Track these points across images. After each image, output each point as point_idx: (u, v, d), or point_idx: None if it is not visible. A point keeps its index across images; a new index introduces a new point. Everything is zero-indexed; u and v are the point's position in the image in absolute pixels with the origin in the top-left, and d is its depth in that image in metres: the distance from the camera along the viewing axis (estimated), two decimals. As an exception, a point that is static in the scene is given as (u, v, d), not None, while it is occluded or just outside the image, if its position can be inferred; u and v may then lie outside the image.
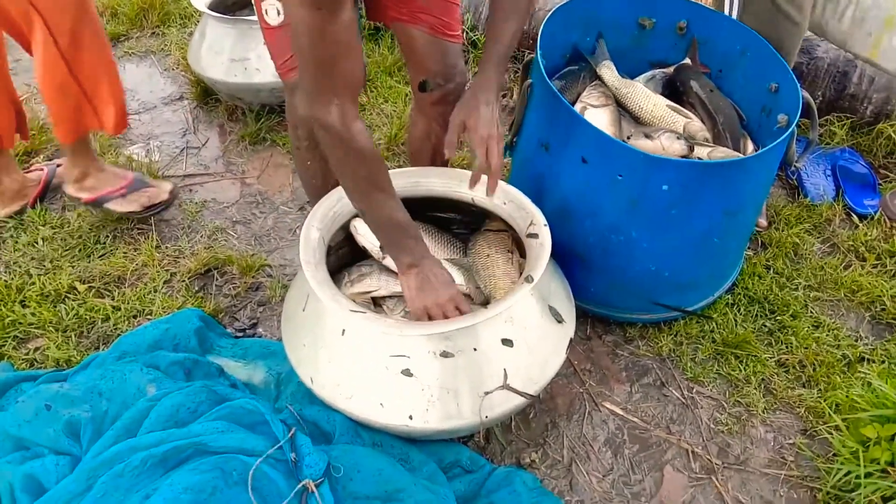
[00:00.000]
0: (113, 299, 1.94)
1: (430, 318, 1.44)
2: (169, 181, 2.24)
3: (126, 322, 1.89)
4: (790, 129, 1.60)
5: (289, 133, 1.79)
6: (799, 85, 1.68)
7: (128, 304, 1.93)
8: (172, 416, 1.47)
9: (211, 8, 2.47)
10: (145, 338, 1.73)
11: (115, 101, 2.00)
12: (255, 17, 2.34)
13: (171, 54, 2.97)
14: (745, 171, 1.58)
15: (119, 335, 1.82)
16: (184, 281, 1.99)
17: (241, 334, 1.88)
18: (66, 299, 1.93)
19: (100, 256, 2.07)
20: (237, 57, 2.40)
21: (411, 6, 1.65)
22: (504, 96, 2.69)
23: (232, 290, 1.98)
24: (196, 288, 1.99)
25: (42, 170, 2.26)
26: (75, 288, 1.96)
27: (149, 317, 1.89)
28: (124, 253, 2.07)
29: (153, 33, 3.13)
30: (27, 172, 2.25)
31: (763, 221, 1.78)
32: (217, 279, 2.02)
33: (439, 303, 1.44)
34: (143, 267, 2.04)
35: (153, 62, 2.95)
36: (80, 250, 2.08)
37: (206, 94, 2.69)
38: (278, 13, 1.54)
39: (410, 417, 1.40)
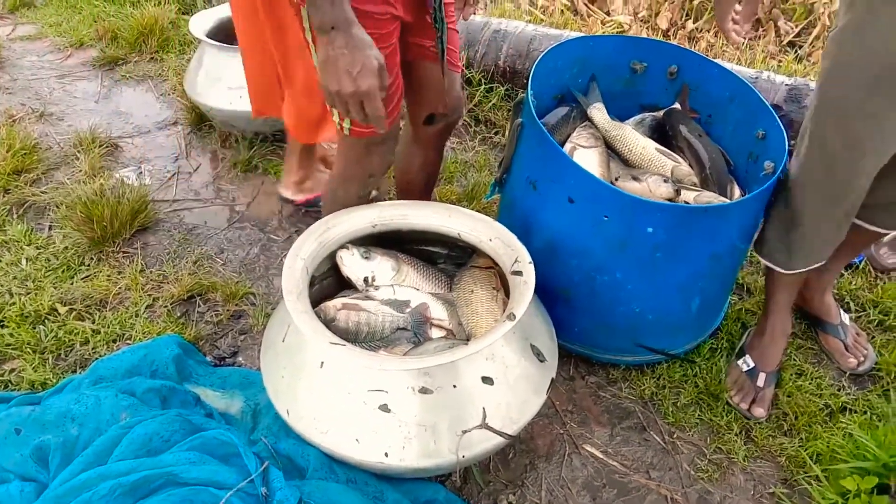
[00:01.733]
0: (93, 322, 1.92)
1: (343, 108, 1.27)
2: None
3: (105, 346, 1.87)
4: (776, 176, 1.61)
5: (349, 182, 1.69)
6: (786, 133, 1.69)
7: (108, 327, 1.91)
8: (145, 444, 1.44)
9: (209, 36, 2.50)
10: (122, 363, 1.71)
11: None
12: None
13: (168, 79, 3.00)
14: (731, 216, 1.59)
15: (97, 359, 1.80)
16: (166, 306, 1.98)
17: (220, 363, 1.86)
18: (46, 321, 1.92)
19: (83, 278, 2.05)
20: (233, 85, 2.41)
21: (433, 40, 1.64)
22: (496, 133, 2.71)
23: (214, 318, 1.97)
24: (178, 314, 1.97)
25: None
26: (56, 309, 1.94)
27: (128, 341, 1.88)
28: (108, 276, 2.06)
29: (152, 58, 3.16)
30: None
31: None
32: (200, 305, 2.01)
33: (359, 91, 1.23)
34: (126, 290, 2.02)
35: (150, 87, 2.97)
36: (63, 271, 2.07)
37: (200, 120, 2.70)
38: None
39: (386, 454, 1.38)
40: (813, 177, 1.58)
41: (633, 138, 1.91)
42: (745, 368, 1.82)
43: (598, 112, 1.94)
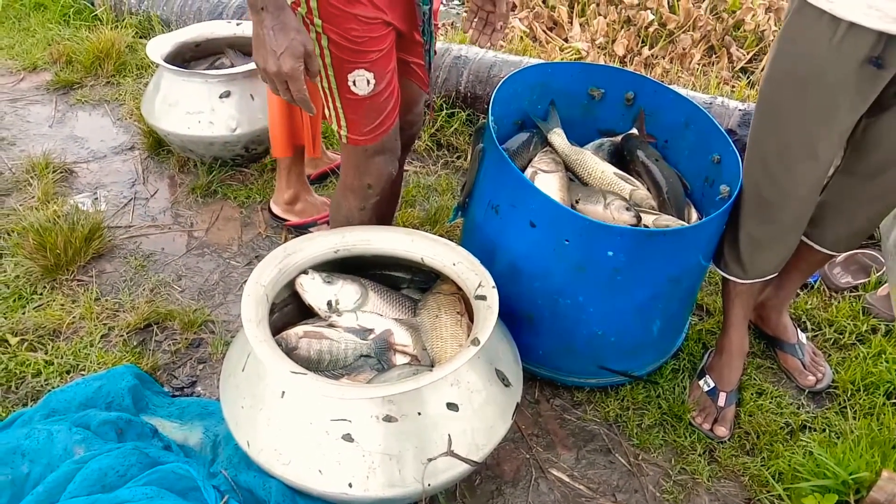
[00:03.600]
0: (46, 353, 1.87)
1: (272, 86, 1.30)
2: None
3: (58, 377, 1.81)
4: (731, 199, 1.64)
5: (350, 193, 1.71)
6: (740, 158, 1.73)
7: (61, 358, 1.85)
8: (100, 479, 1.39)
9: (167, 60, 2.47)
10: (76, 395, 1.66)
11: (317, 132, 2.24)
12: (212, 72, 2.37)
13: (125, 104, 2.95)
14: (689, 239, 1.62)
15: (50, 391, 1.74)
16: (122, 335, 1.93)
17: (178, 393, 1.82)
18: (-5, 352, 1.85)
19: (35, 307, 1.99)
20: (191, 109, 2.38)
21: (421, 60, 1.67)
22: (458, 158, 2.72)
23: (172, 346, 1.92)
24: (134, 343, 1.92)
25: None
26: (6, 340, 1.88)
27: (83, 372, 1.82)
28: (61, 304, 2.00)
29: (108, 82, 3.11)
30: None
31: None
32: (157, 334, 1.96)
33: (281, 71, 1.25)
34: (81, 320, 1.97)
35: (106, 111, 2.93)
36: (14, 300, 2.01)
37: (158, 145, 2.67)
38: (368, 83, 1.47)
39: (350, 485, 1.35)
40: (753, 184, 1.63)
41: (593, 163, 1.93)
42: (705, 388, 1.84)
43: (557, 137, 1.96)
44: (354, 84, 1.46)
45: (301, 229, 2.30)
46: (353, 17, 1.39)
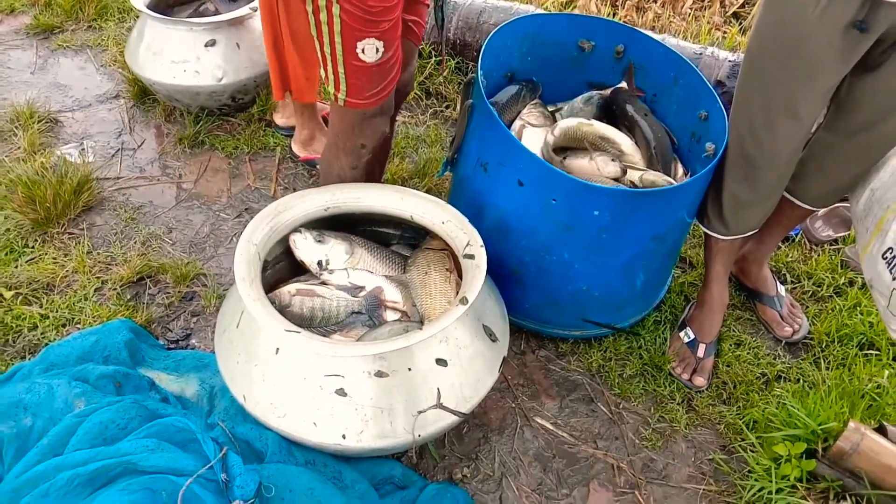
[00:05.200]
0: (41, 307, 1.89)
1: None
2: None
3: (55, 331, 1.84)
4: (716, 158, 1.67)
5: (343, 153, 1.72)
6: (726, 115, 1.75)
7: (57, 312, 1.88)
8: (101, 432, 1.45)
9: (150, 6, 2.42)
10: (74, 349, 1.70)
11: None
12: (196, 21, 2.33)
13: (108, 49, 2.90)
14: (673, 199, 1.65)
15: (47, 344, 1.78)
16: (115, 289, 1.96)
17: (173, 345, 1.86)
18: (-9, 306, 1.88)
19: (28, 261, 2.01)
20: (177, 59, 2.35)
21: (420, 18, 1.67)
22: (447, 107, 2.71)
23: (165, 300, 1.96)
24: (128, 296, 1.95)
25: None
26: (1, 294, 1.90)
27: (78, 326, 1.85)
28: (54, 258, 2.02)
29: (89, 27, 3.04)
30: None
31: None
32: (150, 287, 1.99)
33: None
34: (74, 273, 1.99)
35: (89, 57, 2.87)
36: (6, 254, 2.02)
37: (143, 94, 2.63)
38: (377, 51, 1.46)
39: (343, 437, 1.41)
40: (738, 141, 1.66)
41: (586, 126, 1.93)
42: (686, 340, 1.90)
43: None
44: (363, 52, 1.45)
45: (312, 164, 2.39)
46: None
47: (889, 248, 1.51)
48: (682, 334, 1.92)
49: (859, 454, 1.48)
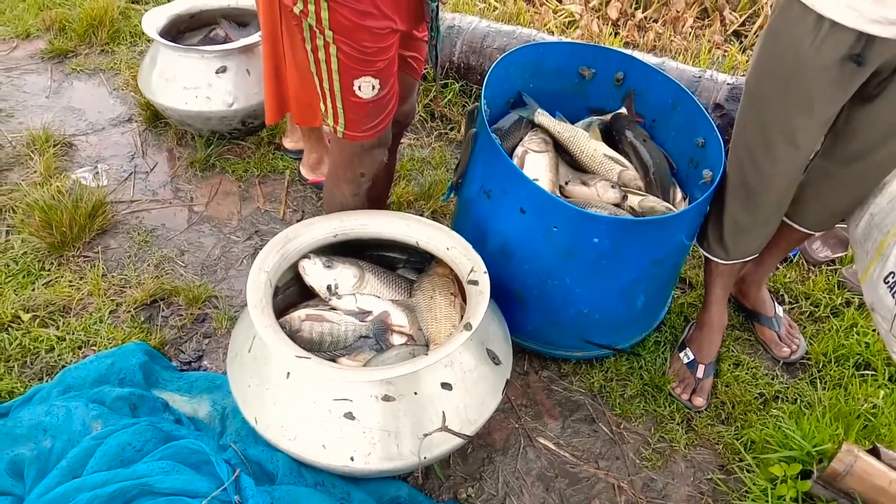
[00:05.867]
0: (58, 329, 1.95)
1: None
2: None
3: (71, 353, 1.90)
4: (714, 185, 1.72)
5: (343, 182, 1.77)
6: (723, 142, 1.80)
7: (73, 334, 1.94)
8: (118, 454, 1.50)
9: (162, 34, 2.49)
10: (90, 372, 1.75)
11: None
12: (208, 48, 2.40)
13: (121, 73, 2.97)
14: (671, 226, 1.69)
15: (64, 366, 1.84)
16: (129, 311, 2.01)
17: (186, 367, 1.91)
18: (10, 328, 1.93)
19: (45, 284, 2.07)
20: (189, 85, 2.42)
21: (419, 54, 1.73)
22: (451, 129, 2.77)
23: (178, 322, 2.01)
24: (142, 319, 2.01)
25: None
26: (19, 317, 1.96)
27: (94, 348, 1.91)
28: (70, 281, 2.08)
29: (102, 50, 3.11)
30: None
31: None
32: (163, 310, 2.05)
33: None
34: (89, 296, 2.05)
35: (102, 81, 2.94)
36: (24, 277, 2.08)
37: (155, 118, 2.70)
38: (373, 88, 1.53)
39: (352, 458, 1.46)
40: (738, 168, 1.71)
41: (585, 141, 1.99)
42: (685, 360, 1.94)
43: (544, 118, 2.01)
44: (360, 89, 1.51)
45: (320, 186, 2.45)
46: (365, 29, 1.42)
47: (891, 273, 1.55)
48: (681, 355, 1.96)
49: (853, 476, 1.52)
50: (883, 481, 1.51)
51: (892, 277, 1.60)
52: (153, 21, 2.50)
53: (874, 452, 1.57)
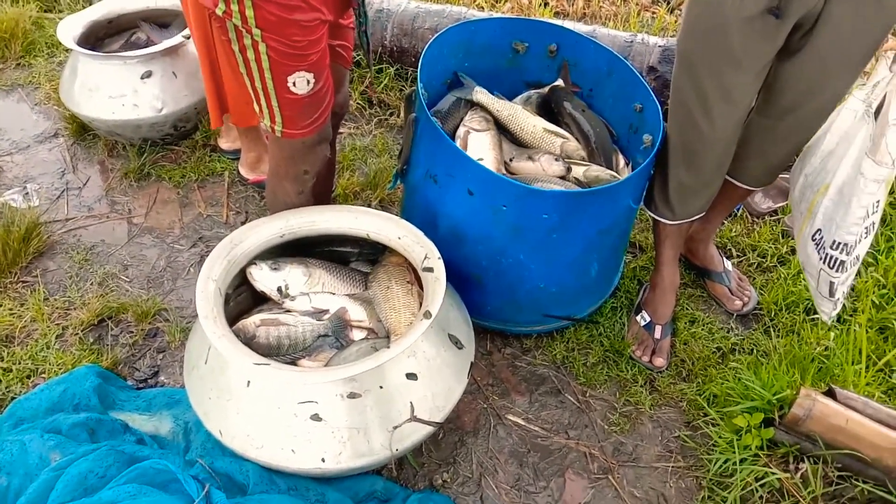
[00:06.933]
0: (2, 360, 1.87)
1: None
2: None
3: (20, 383, 1.83)
4: (654, 150, 1.73)
5: (286, 181, 1.73)
6: (660, 106, 1.81)
7: (19, 364, 1.86)
8: (81, 483, 1.45)
9: (80, 41, 2.39)
10: (42, 401, 1.69)
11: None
12: (129, 54, 2.31)
13: (41, 87, 2.84)
14: (616, 194, 1.71)
15: (13, 398, 1.77)
16: (77, 334, 1.94)
17: (142, 385, 1.86)
18: (-49, 365, 1.85)
19: (-17, 315, 1.98)
20: (114, 94, 2.33)
21: (347, 42, 1.69)
22: (391, 115, 2.74)
23: (129, 339, 1.95)
24: (91, 340, 1.94)
25: None
26: (-41, 351, 1.88)
27: (43, 376, 1.84)
28: (10, 309, 1.99)
29: (18, 64, 2.97)
30: None
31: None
32: (112, 328, 1.98)
33: None
34: (32, 322, 1.97)
35: (21, 96, 2.81)
36: (-40, 309, 1.99)
37: (82, 130, 2.60)
38: (308, 83, 1.48)
39: (323, 460, 1.44)
40: (678, 131, 1.73)
41: (524, 118, 1.99)
42: (642, 323, 1.97)
43: (482, 95, 2.00)
44: (294, 85, 1.47)
45: (262, 185, 2.39)
46: (294, 23, 1.38)
47: (818, 230, 1.60)
48: (638, 318, 1.99)
49: (812, 419, 1.57)
50: (840, 420, 1.57)
51: (819, 234, 1.65)
52: (69, 29, 2.39)
53: (830, 394, 1.62)
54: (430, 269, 1.60)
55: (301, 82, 1.47)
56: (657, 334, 1.95)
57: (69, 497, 1.42)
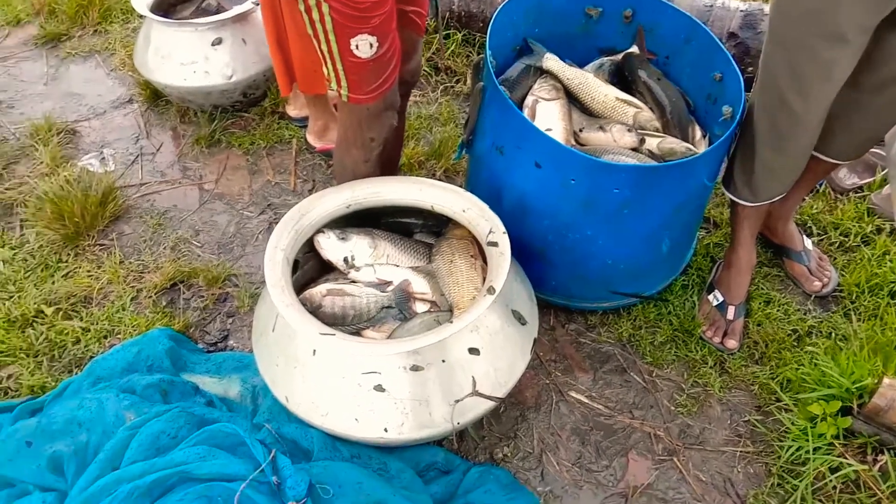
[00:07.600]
0: (81, 320, 1.95)
1: None
2: None
3: (97, 343, 1.90)
4: (735, 123, 1.65)
5: (353, 148, 1.72)
6: (741, 74, 1.72)
7: (97, 324, 1.94)
8: (154, 443, 1.51)
9: (153, 8, 2.42)
10: (118, 361, 1.75)
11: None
12: (201, 21, 2.34)
13: (117, 53, 2.91)
14: (692, 168, 1.64)
15: (91, 357, 1.84)
16: (150, 297, 2.01)
17: (212, 348, 1.91)
18: (34, 323, 1.94)
19: (64, 276, 2.06)
20: (186, 61, 2.36)
21: (422, 8, 1.66)
22: (457, 82, 2.69)
23: (200, 303, 2.00)
24: (164, 303, 2.00)
25: None
26: (42, 311, 1.96)
27: (119, 337, 1.91)
28: (88, 271, 2.07)
29: (95, 31, 3.05)
30: None
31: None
32: (184, 292, 2.04)
33: None
34: (109, 284, 2.04)
35: (98, 62, 2.89)
36: (42, 270, 2.08)
37: (156, 96, 2.65)
38: (371, 46, 1.46)
39: (385, 430, 1.45)
40: (766, 110, 1.63)
41: (596, 86, 1.92)
42: (714, 303, 1.91)
43: (553, 62, 1.94)
44: (357, 48, 1.44)
45: (329, 154, 2.39)
46: None
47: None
48: (710, 297, 1.92)
49: (895, 410, 1.49)
50: (926, 413, 1.49)
51: None
52: (143, -3, 2.43)
53: (915, 384, 1.54)
54: (494, 244, 1.57)
55: (364, 45, 1.45)
56: (730, 315, 1.88)
57: (143, 456, 1.48)
